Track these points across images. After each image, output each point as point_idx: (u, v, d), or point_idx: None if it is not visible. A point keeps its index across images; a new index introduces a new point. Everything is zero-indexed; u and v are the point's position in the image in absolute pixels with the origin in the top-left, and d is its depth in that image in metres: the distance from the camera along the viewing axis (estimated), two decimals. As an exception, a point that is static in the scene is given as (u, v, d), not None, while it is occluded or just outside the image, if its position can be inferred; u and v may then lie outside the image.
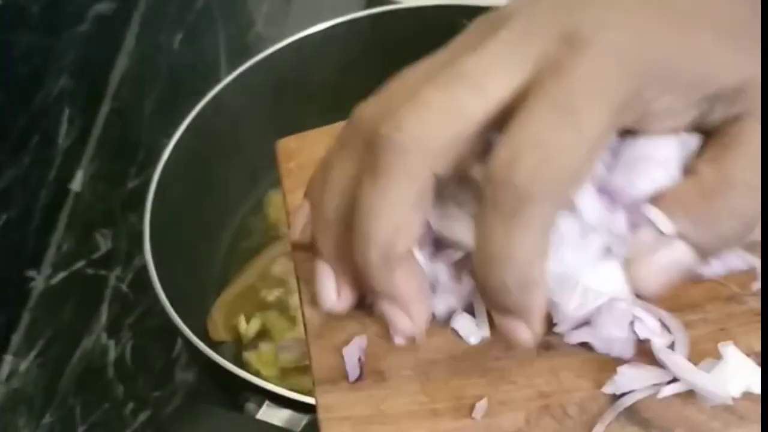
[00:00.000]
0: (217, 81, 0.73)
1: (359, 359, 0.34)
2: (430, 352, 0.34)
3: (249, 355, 0.69)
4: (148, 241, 0.63)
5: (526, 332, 0.30)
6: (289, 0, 1.00)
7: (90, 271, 0.79)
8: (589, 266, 0.31)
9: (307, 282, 0.36)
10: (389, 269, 0.31)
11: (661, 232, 0.30)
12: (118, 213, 0.83)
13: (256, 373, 0.63)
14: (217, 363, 0.57)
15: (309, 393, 0.60)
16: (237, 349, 0.69)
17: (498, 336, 0.33)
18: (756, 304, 0.32)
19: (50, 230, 0.82)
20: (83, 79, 0.90)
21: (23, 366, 0.74)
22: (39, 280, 0.80)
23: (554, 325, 0.32)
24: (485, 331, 0.33)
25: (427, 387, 0.33)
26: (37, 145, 0.82)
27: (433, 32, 0.77)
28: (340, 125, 0.36)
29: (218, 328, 0.70)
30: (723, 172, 0.30)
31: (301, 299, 0.36)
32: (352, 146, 0.32)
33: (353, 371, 0.33)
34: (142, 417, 0.69)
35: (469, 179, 0.31)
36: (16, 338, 0.76)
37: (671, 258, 0.31)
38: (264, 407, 0.55)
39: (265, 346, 0.69)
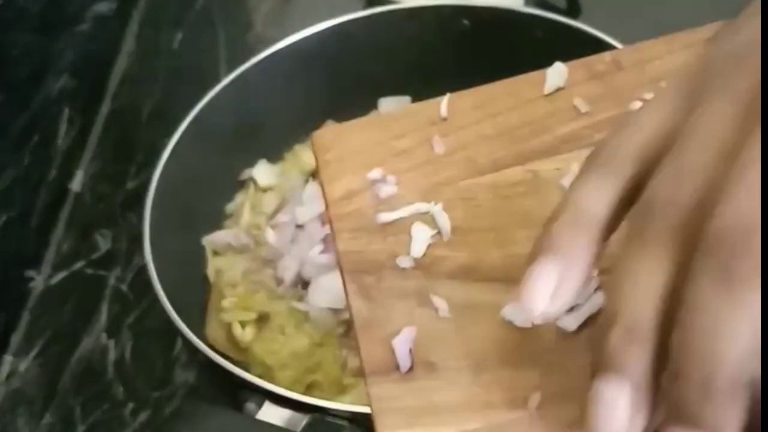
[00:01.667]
0: (217, 81, 0.73)
1: (410, 350, 0.34)
2: (480, 341, 0.34)
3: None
4: (147, 241, 0.63)
5: None
6: (288, 0, 1.00)
7: (90, 271, 0.79)
8: None
9: (354, 275, 0.37)
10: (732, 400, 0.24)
11: None
12: (118, 213, 0.83)
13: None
14: (217, 363, 0.57)
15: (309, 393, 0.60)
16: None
17: (548, 324, 0.33)
18: None
19: (50, 230, 0.82)
20: (83, 79, 0.90)
21: (23, 366, 0.74)
22: (38, 280, 0.79)
23: None
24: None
25: (479, 378, 0.33)
26: (36, 145, 0.82)
27: (433, 32, 0.78)
28: (375, 117, 0.35)
29: (223, 343, 0.68)
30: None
31: (346, 291, 0.37)
32: (659, 240, 0.27)
33: (405, 362, 0.34)
34: (142, 417, 0.69)
35: None
36: (15, 338, 0.76)
37: None
38: (264, 407, 0.55)
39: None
